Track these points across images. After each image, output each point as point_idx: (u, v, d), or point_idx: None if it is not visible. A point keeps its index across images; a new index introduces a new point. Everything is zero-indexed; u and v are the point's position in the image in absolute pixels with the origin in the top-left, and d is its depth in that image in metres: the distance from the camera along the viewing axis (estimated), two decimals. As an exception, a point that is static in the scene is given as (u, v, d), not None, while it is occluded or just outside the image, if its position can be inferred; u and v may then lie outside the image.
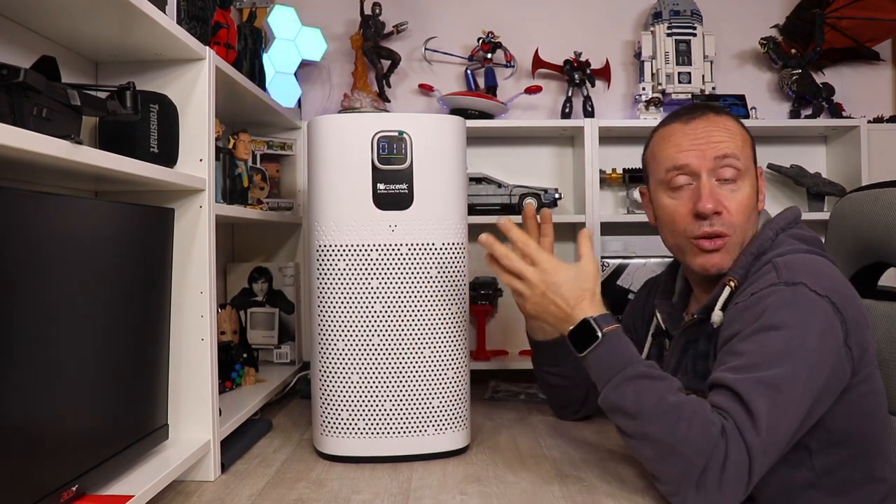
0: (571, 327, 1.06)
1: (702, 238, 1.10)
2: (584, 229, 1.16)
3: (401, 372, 1.22)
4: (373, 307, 1.21)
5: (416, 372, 1.22)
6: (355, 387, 1.21)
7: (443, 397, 1.24)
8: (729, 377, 0.96)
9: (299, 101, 2.03)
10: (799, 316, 0.97)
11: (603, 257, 2.01)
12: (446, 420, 1.24)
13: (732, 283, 1.08)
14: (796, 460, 1.02)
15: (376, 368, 1.21)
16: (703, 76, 2.08)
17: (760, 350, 0.96)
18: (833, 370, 0.97)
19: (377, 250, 1.21)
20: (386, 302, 1.21)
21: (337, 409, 1.22)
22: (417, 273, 1.21)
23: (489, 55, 2.12)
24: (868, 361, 1.03)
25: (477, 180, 2.00)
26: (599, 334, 1.03)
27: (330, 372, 1.22)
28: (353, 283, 1.21)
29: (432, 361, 1.23)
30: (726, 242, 1.10)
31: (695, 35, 2.08)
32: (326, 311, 1.22)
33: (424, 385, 1.23)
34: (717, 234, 1.09)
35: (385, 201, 1.21)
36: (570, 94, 2.12)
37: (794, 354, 0.95)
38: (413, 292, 1.21)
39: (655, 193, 1.18)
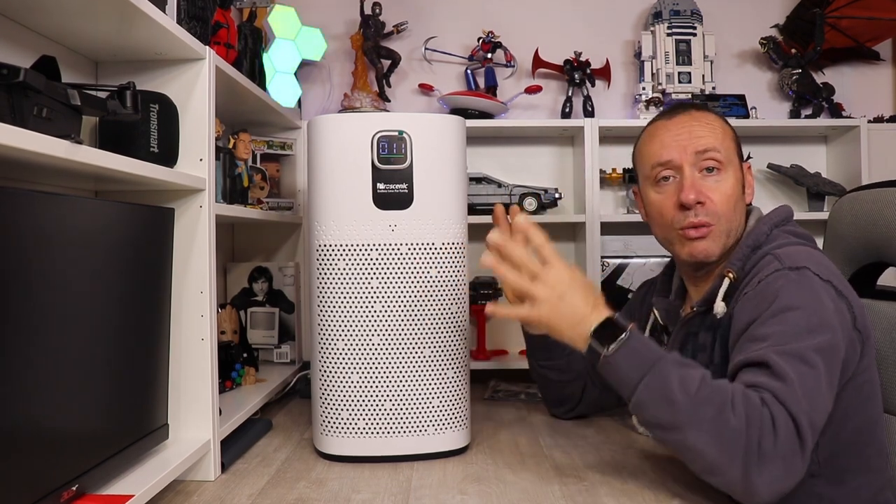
0: (594, 326, 1.02)
1: (687, 228, 1.14)
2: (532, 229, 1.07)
3: (401, 372, 1.22)
4: (373, 307, 1.21)
5: (416, 372, 1.22)
6: (355, 386, 1.21)
7: (443, 397, 1.24)
8: (753, 355, 0.96)
9: (299, 100, 2.04)
10: (811, 296, 0.99)
11: (603, 257, 2.01)
12: (446, 420, 1.24)
13: (731, 275, 1.10)
14: None
15: (376, 368, 1.21)
16: (703, 76, 2.08)
17: (783, 330, 0.96)
18: (846, 351, 0.99)
19: (377, 250, 1.21)
20: (386, 302, 1.21)
21: (337, 409, 1.22)
22: (417, 273, 1.21)
23: (489, 55, 2.12)
24: (871, 347, 1.05)
25: (477, 180, 2.00)
26: (627, 331, 1.00)
27: (330, 372, 1.22)
28: (353, 283, 1.21)
29: (432, 361, 1.23)
30: (711, 230, 1.14)
31: (695, 35, 2.08)
32: (326, 311, 1.22)
33: (424, 385, 1.23)
34: (702, 224, 1.13)
35: (385, 201, 1.21)
36: (570, 94, 2.12)
37: (815, 331, 0.96)
38: (413, 292, 1.21)
39: (644, 189, 1.23)
